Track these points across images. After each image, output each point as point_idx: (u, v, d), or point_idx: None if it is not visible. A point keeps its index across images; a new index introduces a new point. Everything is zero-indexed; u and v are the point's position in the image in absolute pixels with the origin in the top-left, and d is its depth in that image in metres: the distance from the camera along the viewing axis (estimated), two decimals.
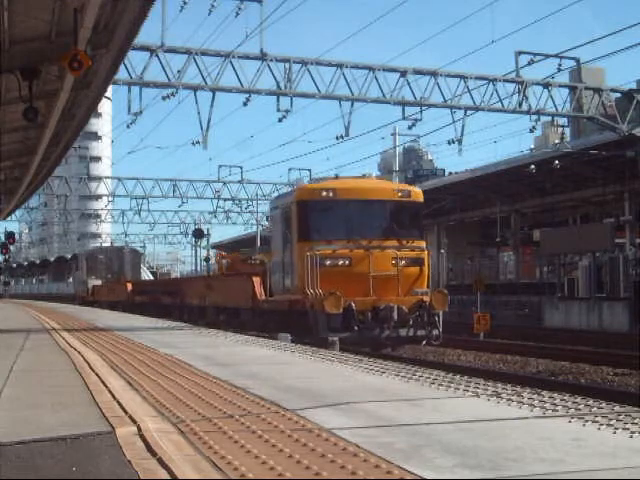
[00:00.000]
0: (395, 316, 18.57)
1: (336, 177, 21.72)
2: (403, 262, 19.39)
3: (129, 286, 44.39)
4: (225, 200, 55.40)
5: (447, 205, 46.27)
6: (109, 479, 4.54)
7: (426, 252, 20.27)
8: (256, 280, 22.97)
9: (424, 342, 19.69)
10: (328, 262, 18.99)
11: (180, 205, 55.51)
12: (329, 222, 20.09)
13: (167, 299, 36.78)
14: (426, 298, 19.18)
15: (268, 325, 21.53)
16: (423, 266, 19.85)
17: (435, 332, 19.07)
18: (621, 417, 6.05)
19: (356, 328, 18.30)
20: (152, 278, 66.60)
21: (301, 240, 19.72)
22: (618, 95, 31.00)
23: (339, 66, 25.67)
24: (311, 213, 20.09)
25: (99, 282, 56.62)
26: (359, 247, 19.39)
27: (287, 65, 25.08)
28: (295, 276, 19.92)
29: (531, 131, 30.51)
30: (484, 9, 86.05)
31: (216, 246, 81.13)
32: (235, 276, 27.55)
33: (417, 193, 20.97)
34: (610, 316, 29.79)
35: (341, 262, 19.21)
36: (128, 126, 25.83)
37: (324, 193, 19.78)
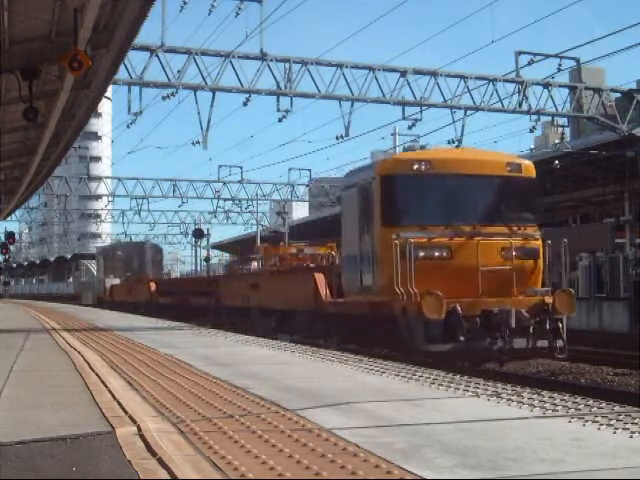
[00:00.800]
0: (512, 322, 14.65)
1: (422, 148, 17.71)
2: (514, 253, 15.60)
3: (152, 285, 39.63)
4: (225, 200, 55.36)
5: None
6: (109, 479, 4.54)
7: (541, 241, 16.35)
8: (319, 277, 19.12)
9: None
10: (422, 253, 15.04)
11: (180, 205, 55.46)
12: (422, 202, 16.11)
13: (199, 300, 32.19)
14: (548, 299, 15.34)
15: (336, 333, 18.19)
16: (538, 259, 16.07)
17: (559, 343, 15.17)
18: (621, 417, 6.06)
19: (462, 338, 14.31)
20: None
21: (386, 225, 15.71)
22: (618, 95, 31.00)
23: (339, 66, 25.66)
24: (399, 190, 16.04)
25: (117, 281, 52.55)
26: (460, 234, 15.55)
27: (287, 65, 25.07)
28: (378, 271, 15.86)
29: (531, 131, 30.54)
30: (484, 9, 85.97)
31: (217, 246, 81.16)
32: (290, 272, 23.85)
33: (529, 167, 16.73)
34: (610, 316, 29.77)
35: (438, 253, 15.39)
36: (128, 126, 25.84)
37: (416, 166, 15.76)
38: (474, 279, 15.00)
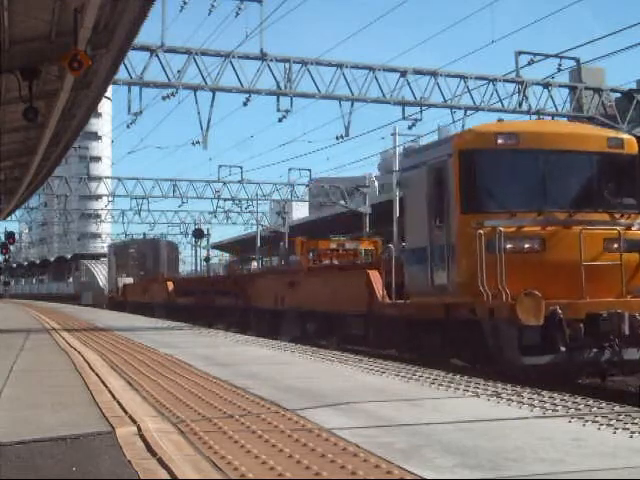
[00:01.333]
0: (626, 329, 12.18)
1: (500, 120, 15.14)
2: (616, 246, 13.05)
3: (170, 285, 36.43)
4: (225, 200, 55.36)
5: None
6: (109, 479, 4.54)
7: None
8: (374, 274, 16.52)
9: None
10: (509, 245, 12.53)
11: (180, 205, 55.51)
12: (509, 184, 13.56)
13: (223, 301, 29.18)
14: None
15: (397, 341, 15.66)
16: None
17: None
18: (621, 417, 6.06)
19: (563, 349, 11.88)
20: None
21: (467, 212, 13.20)
22: (618, 95, 31.03)
23: (339, 66, 25.70)
24: (483, 170, 13.48)
25: (130, 280, 49.41)
26: (556, 222, 13.08)
27: (287, 65, 25.11)
28: (456, 267, 13.36)
29: None
30: (484, 9, 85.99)
31: (217, 246, 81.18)
32: (337, 270, 21.45)
33: (631, 142, 14.17)
34: None
35: (528, 245, 12.88)
36: (128, 126, 25.91)
37: (501, 140, 13.26)
38: (574, 276, 12.48)
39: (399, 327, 15.23)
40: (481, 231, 12.33)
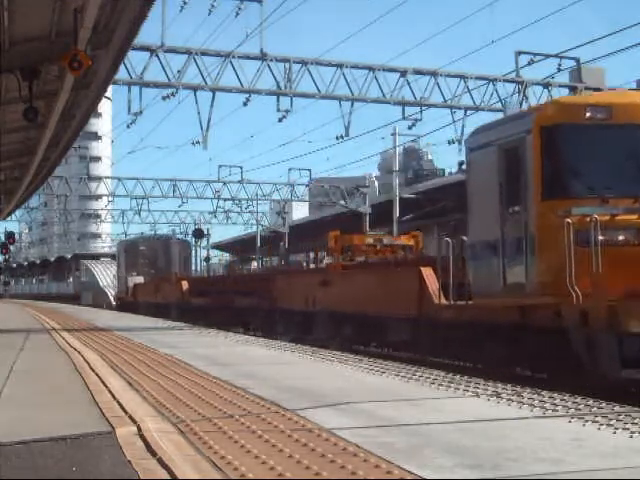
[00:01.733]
0: None
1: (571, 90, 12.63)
2: None
3: (184, 284, 34.72)
4: (225, 200, 55.28)
5: (448, 205, 46.09)
6: (109, 479, 4.54)
7: None
8: (427, 272, 14.71)
9: None
10: (600, 237, 10.63)
11: (180, 205, 55.46)
12: (600, 165, 11.63)
13: (245, 301, 26.83)
14: None
15: (455, 348, 13.73)
16: None
17: None
18: (621, 417, 6.07)
19: None
20: None
21: (550, 197, 11.40)
22: None
23: (339, 66, 25.69)
24: (570, 148, 11.60)
25: (141, 279, 47.34)
26: None
27: (287, 65, 25.09)
28: (536, 263, 11.44)
29: None
30: (484, 9, 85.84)
31: (217, 246, 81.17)
32: (381, 267, 19.30)
33: None
34: None
35: (623, 237, 11.01)
36: (128, 126, 25.85)
37: (590, 113, 11.42)
38: None
39: (459, 333, 13.42)
40: (569, 220, 10.57)
